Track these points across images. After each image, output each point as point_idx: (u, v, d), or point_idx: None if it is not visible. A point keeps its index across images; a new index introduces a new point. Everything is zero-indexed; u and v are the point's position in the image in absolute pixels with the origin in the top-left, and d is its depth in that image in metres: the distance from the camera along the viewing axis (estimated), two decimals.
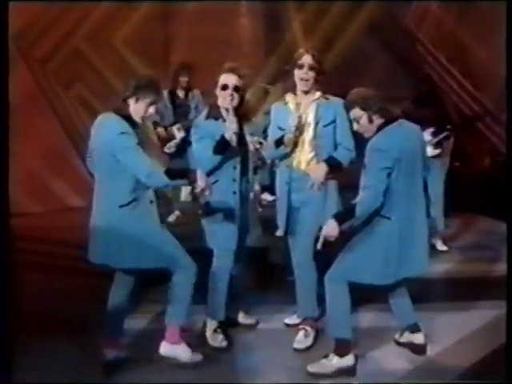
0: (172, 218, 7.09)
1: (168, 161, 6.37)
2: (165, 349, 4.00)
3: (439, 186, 6.24)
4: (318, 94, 4.34)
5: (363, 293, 4.09)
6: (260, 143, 4.30)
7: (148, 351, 4.14)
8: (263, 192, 6.87)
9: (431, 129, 6.06)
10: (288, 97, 4.39)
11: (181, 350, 4.00)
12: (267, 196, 6.84)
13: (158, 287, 4.36)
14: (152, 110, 3.87)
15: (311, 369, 3.97)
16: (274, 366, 4.08)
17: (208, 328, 4.41)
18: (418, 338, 4.16)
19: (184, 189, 7.24)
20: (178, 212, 7.20)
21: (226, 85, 4.25)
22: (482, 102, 8.97)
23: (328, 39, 8.86)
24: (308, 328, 4.38)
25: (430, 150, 5.80)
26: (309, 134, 4.28)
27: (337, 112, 4.26)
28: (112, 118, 3.82)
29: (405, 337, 4.22)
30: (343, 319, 3.94)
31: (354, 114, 3.89)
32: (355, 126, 3.95)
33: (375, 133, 3.85)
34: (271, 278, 5.50)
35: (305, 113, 4.29)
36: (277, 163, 4.49)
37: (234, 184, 4.29)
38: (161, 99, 4.06)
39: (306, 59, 4.28)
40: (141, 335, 4.49)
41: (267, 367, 4.08)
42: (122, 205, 3.79)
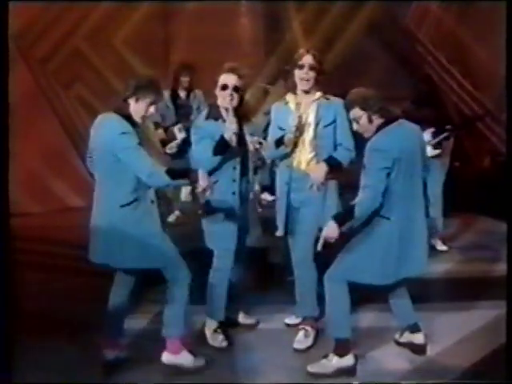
0: (172, 218, 7.08)
1: (169, 161, 6.39)
2: (167, 358, 3.98)
3: (438, 186, 6.23)
4: (319, 94, 4.34)
5: (363, 293, 4.09)
6: (260, 143, 4.30)
7: (148, 351, 4.15)
8: (263, 192, 6.86)
9: (431, 129, 6.06)
10: (288, 97, 4.39)
11: (183, 358, 3.98)
12: (267, 196, 6.82)
13: (158, 287, 4.35)
14: (152, 110, 3.87)
15: (311, 369, 3.97)
16: (274, 366, 4.08)
17: (208, 328, 4.41)
18: (418, 338, 4.17)
19: (184, 189, 7.23)
20: (178, 212, 7.20)
21: (226, 85, 4.24)
22: (482, 102, 8.96)
23: (328, 39, 8.85)
24: (308, 328, 4.38)
25: (430, 150, 5.80)
26: (309, 134, 4.28)
27: (337, 112, 4.26)
28: (112, 118, 3.82)
29: (405, 337, 4.23)
30: (343, 319, 3.94)
31: (354, 114, 3.89)
32: (355, 126, 3.95)
33: (375, 133, 3.85)
34: (271, 278, 5.50)
35: (305, 113, 4.29)
36: (277, 163, 4.50)
37: (234, 184, 4.28)
38: (161, 99, 4.05)
39: (307, 59, 4.28)
40: (141, 335, 4.49)
41: (267, 367, 4.08)
42: (123, 205, 3.79)
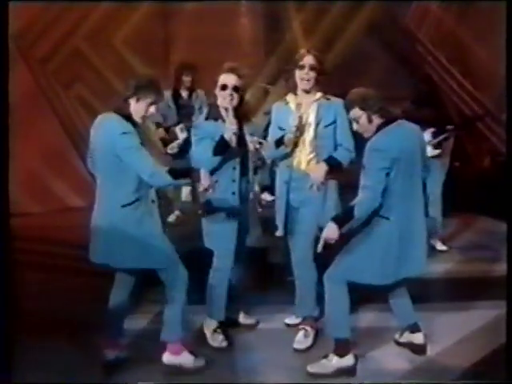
0: (172, 218, 7.08)
1: (170, 161, 6.38)
2: (167, 358, 4.00)
3: (438, 186, 6.23)
4: (319, 95, 4.34)
5: (363, 293, 4.09)
6: (260, 143, 4.30)
7: (148, 351, 4.15)
8: (263, 192, 6.87)
9: (431, 129, 6.06)
10: (289, 97, 4.39)
11: (184, 359, 3.99)
12: (267, 196, 6.84)
13: (158, 287, 4.35)
14: (153, 110, 3.86)
15: (311, 369, 3.97)
16: (274, 366, 4.08)
17: (208, 328, 4.41)
18: (418, 338, 4.16)
19: (184, 189, 7.24)
20: (178, 212, 7.20)
21: (226, 85, 4.24)
22: (482, 102, 8.96)
23: (328, 39, 8.84)
24: (308, 328, 4.38)
25: (430, 150, 5.80)
26: (309, 135, 4.28)
27: (337, 112, 4.26)
28: (113, 118, 3.82)
29: (405, 337, 4.22)
30: (342, 319, 3.94)
31: (354, 114, 3.89)
32: (355, 126, 3.95)
33: (375, 133, 3.85)
34: (271, 278, 5.49)
35: (306, 113, 4.29)
36: (277, 163, 4.49)
37: (234, 184, 4.28)
38: (161, 99, 4.05)
39: (308, 60, 4.27)
40: (141, 335, 4.49)
41: (267, 367, 4.08)
42: (125, 204, 3.78)
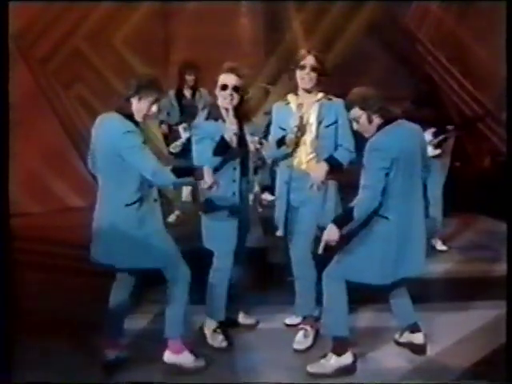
0: (172, 218, 7.08)
1: (173, 160, 6.39)
2: (168, 357, 4.00)
3: (438, 187, 6.22)
4: (321, 95, 4.33)
5: (363, 293, 4.08)
6: (260, 143, 4.30)
7: (148, 351, 4.15)
8: (263, 192, 6.87)
9: (432, 129, 6.06)
10: (290, 97, 4.38)
11: (184, 358, 3.99)
12: (267, 196, 6.83)
13: (158, 287, 4.35)
14: (154, 109, 3.86)
15: (311, 369, 3.97)
16: (274, 366, 4.08)
17: (208, 328, 4.41)
18: (418, 338, 4.16)
19: (185, 189, 7.24)
20: (178, 212, 7.20)
21: (226, 85, 4.24)
22: (482, 102, 8.96)
23: (328, 39, 8.84)
24: (308, 328, 4.38)
25: (431, 150, 5.80)
26: (311, 135, 4.28)
27: (338, 113, 4.26)
28: (115, 118, 3.81)
29: (405, 337, 4.22)
30: (340, 317, 3.94)
31: (354, 114, 3.89)
32: (355, 126, 3.95)
33: (375, 133, 3.85)
34: (271, 278, 5.49)
35: (307, 113, 4.28)
36: (277, 163, 4.49)
37: (234, 185, 4.28)
38: (163, 97, 4.05)
39: (309, 60, 4.26)
40: (141, 335, 4.49)
41: (267, 367, 4.08)
42: (128, 204, 3.78)
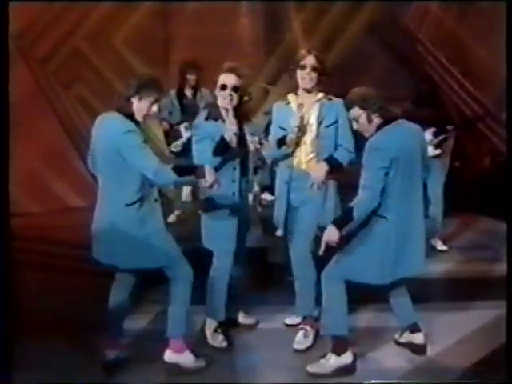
0: (172, 218, 7.08)
1: (174, 159, 6.40)
2: (169, 356, 4.00)
3: (439, 186, 6.23)
4: (321, 95, 4.33)
5: (363, 293, 4.09)
6: (260, 143, 4.29)
7: (148, 351, 4.15)
8: (263, 192, 6.87)
9: (432, 129, 6.06)
10: (290, 97, 4.38)
11: (185, 358, 3.99)
12: (267, 196, 6.83)
13: (159, 287, 4.35)
14: (155, 109, 3.86)
15: (311, 369, 3.97)
16: (274, 366, 4.08)
17: (208, 328, 4.41)
18: (418, 338, 4.16)
19: (185, 189, 7.24)
20: (178, 212, 7.20)
21: (225, 85, 4.24)
22: (482, 102, 8.96)
23: (328, 39, 8.84)
24: (308, 328, 4.38)
25: (431, 150, 5.80)
26: (311, 135, 4.28)
27: (339, 113, 4.26)
28: (115, 117, 3.81)
29: (405, 337, 4.22)
30: (340, 317, 3.94)
31: (353, 114, 3.89)
32: (355, 125, 3.95)
33: (374, 132, 3.85)
34: (271, 278, 5.49)
35: (307, 113, 4.28)
36: (277, 163, 4.49)
37: (234, 185, 4.28)
38: (163, 97, 4.05)
39: (309, 60, 4.26)
40: (141, 335, 4.49)
41: (267, 367, 4.08)
42: (129, 204, 3.78)
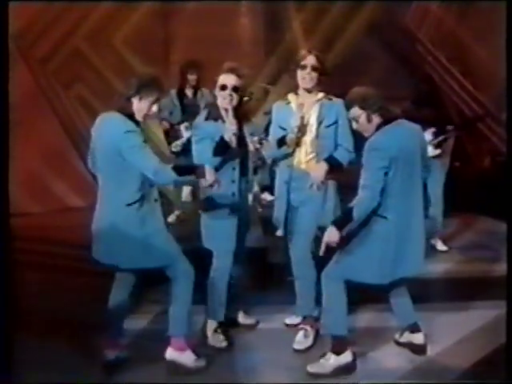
0: (172, 218, 7.08)
1: (175, 159, 6.40)
2: (170, 354, 4.00)
3: (439, 186, 6.23)
4: (321, 95, 4.33)
5: (363, 293, 4.09)
6: (260, 143, 4.29)
7: (148, 351, 4.15)
8: (263, 192, 6.87)
9: (432, 129, 6.06)
10: (290, 96, 4.38)
11: (186, 357, 3.99)
12: (267, 196, 6.84)
13: (159, 287, 4.35)
14: (155, 109, 3.85)
15: (311, 369, 3.97)
16: (274, 366, 4.08)
17: (208, 328, 4.41)
18: (418, 338, 4.16)
19: (185, 189, 7.24)
20: (178, 212, 7.20)
21: (225, 85, 4.24)
22: (482, 102, 8.96)
23: (328, 39, 8.84)
24: (308, 328, 4.38)
25: (431, 150, 5.80)
26: (311, 135, 4.27)
27: (339, 113, 4.26)
28: (115, 117, 3.81)
29: (405, 337, 4.22)
30: (339, 317, 3.94)
31: (353, 113, 3.89)
32: (354, 125, 3.95)
33: (374, 132, 3.85)
34: (271, 278, 5.49)
35: (307, 113, 4.28)
36: (277, 163, 4.49)
37: (233, 185, 4.27)
38: (164, 97, 4.05)
39: (310, 60, 4.26)
40: (141, 335, 4.49)
41: (267, 367, 4.08)
42: (129, 203, 3.78)
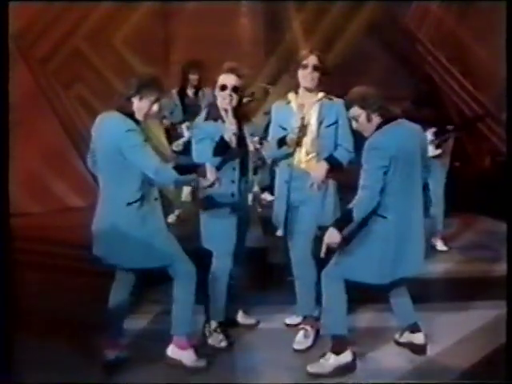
0: (172, 218, 7.08)
1: (175, 158, 6.40)
2: (172, 351, 4.01)
3: (440, 186, 6.24)
4: (322, 95, 4.33)
5: (363, 293, 4.09)
6: (261, 143, 4.29)
7: (148, 351, 4.15)
8: (263, 192, 6.87)
9: (433, 129, 6.07)
10: (290, 96, 4.38)
11: (187, 355, 4.00)
12: (267, 196, 6.83)
13: (159, 287, 4.36)
14: (155, 108, 3.86)
15: (311, 369, 3.97)
16: (274, 366, 4.07)
17: (208, 328, 4.41)
18: (418, 338, 4.16)
19: (185, 189, 7.24)
20: (178, 212, 7.20)
21: (225, 85, 4.23)
22: (482, 102, 8.96)
23: (328, 39, 8.85)
24: (308, 328, 4.38)
25: (431, 150, 5.81)
26: (311, 135, 4.27)
27: (339, 113, 4.25)
28: (116, 117, 3.81)
29: (405, 337, 4.22)
30: (339, 317, 3.94)
31: (353, 113, 3.89)
32: (354, 125, 3.95)
33: (374, 132, 3.85)
34: (271, 278, 5.49)
35: (308, 113, 4.27)
36: (277, 162, 4.48)
37: (233, 185, 4.27)
38: (164, 96, 4.05)
39: (311, 60, 4.26)
40: (141, 335, 4.48)
41: (267, 367, 4.08)
42: (130, 203, 3.78)
